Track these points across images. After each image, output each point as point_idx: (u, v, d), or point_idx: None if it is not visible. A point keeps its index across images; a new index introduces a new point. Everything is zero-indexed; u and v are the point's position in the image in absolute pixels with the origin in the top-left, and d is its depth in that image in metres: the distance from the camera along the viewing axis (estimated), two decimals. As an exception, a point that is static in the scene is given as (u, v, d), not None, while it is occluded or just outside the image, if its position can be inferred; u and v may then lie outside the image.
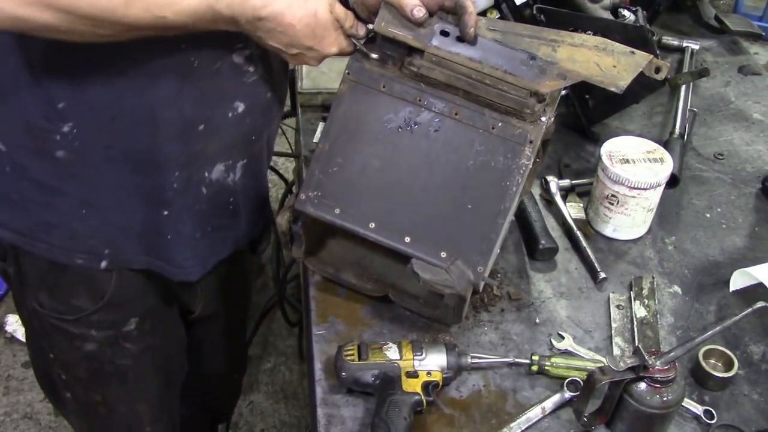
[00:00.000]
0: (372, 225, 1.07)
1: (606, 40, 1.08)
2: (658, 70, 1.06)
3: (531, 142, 1.04)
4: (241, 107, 1.11)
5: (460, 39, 1.05)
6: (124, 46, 0.93)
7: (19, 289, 1.22)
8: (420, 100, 1.07)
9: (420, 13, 1.04)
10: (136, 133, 1.04)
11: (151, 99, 1.01)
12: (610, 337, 1.17)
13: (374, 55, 1.08)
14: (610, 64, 1.04)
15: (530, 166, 1.05)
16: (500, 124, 1.05)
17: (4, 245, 1.17)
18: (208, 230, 1.20)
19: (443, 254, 1.05)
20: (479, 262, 1.05)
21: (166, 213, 1.13)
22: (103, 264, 1.14)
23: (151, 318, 1.26)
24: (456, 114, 1.07)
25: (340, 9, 1.02)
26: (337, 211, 1.08)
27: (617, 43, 1.07)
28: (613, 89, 1.02)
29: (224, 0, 0.92)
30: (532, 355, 1.10)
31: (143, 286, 1.21)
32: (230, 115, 1.11)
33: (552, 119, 1.08)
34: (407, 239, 1.06)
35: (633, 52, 1.05)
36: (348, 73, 1.10)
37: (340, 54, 1.07)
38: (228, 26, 0.96)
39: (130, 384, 1.31)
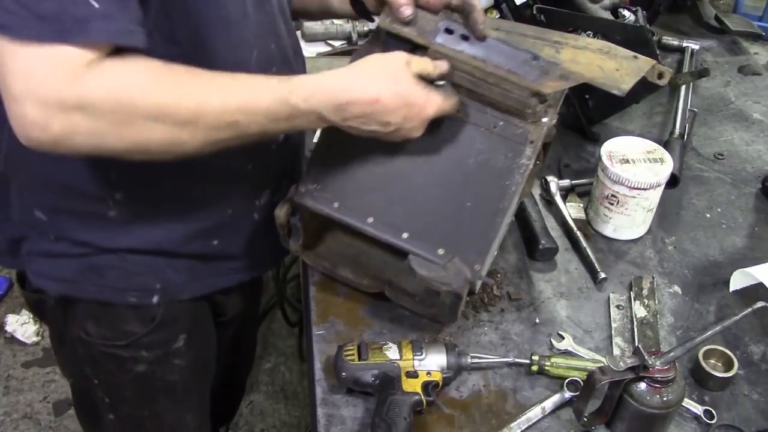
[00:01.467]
0: (370, 220, 1.07)
1: (610, 44, 1.08)
2: (660, 75, 1.06)
3: (532, 142, 1.04)
4: (281, 135, 1.13)
5: (465, 37, 1.05)
6: None
7: (62, 322, 1.18)
8: None
9: (407, 11, 1.03)
10: (186, 185, 1.05)
11: (201, 157, 1.01)
12: (610, 337, 1.17)
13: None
14: (613, 67, 1.04)
15: (530, 167, 1.05)
16: (502, 123, 1.05)
17: (47, 297, 1.15)
18: (257, 249, 1.21)
19: (441, 251, 1.05)
20: (476, 261, 1.05)
21: (215, 242, 1.14)
22: (155, 299, 1.13)
23: (197, 331, 1.26)
24: (458, 112, 1.07)
25: (418, 64, 0.96)
26: (336, 204, 1.08)
27: (621, 48, 1.07)
28: (615, 92, 1.02)
29: (299, 93, 0.89)
30: (532, 355, 1.10)
31: (191, 304, 1.21)
32: (273, 146, 1.13)
33: (554, 121, 1.08)
34: (405, 235, 1.06)
35: (636, 57, 1.05)
36: None
37: (442, 113, 1.01)
38: (311, 122, 0.93)
39: (178, 397, 1.29)
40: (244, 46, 0.99)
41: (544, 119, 1.05)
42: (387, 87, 0.92)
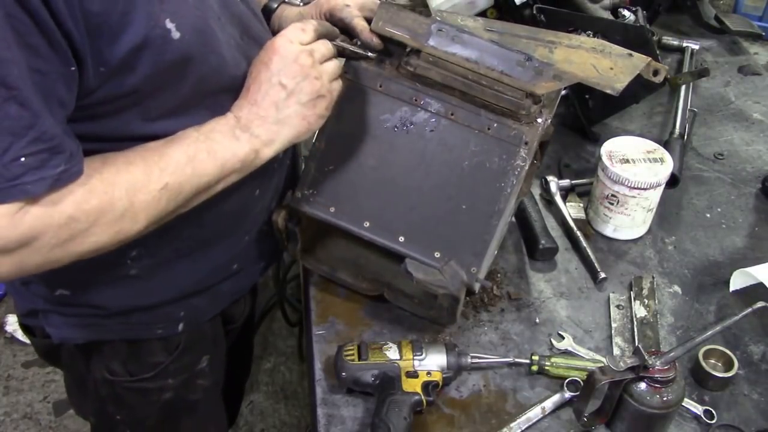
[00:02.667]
0: (367, 224, 1.07)
1: (604, 42, 1.07)
2: (656, 72, 1.06)
3: (526, 143, 1.04)
4: (280, 154, 1.11)
5: (458, 39, 1.05)
6: None
7: (83, 367, 1.17)
8: (416, 100, 1.07)
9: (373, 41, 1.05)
10: (200, 228, 1.05)
11: (213, 203, 1.00)
12: (610, 337, 1.17)
13: (371, 54, 1.08)
14: (607, 66, 1.04)
15: (526, 168, 1.05)
16: (496, 124, 1.05)
17: (66, 343, 1.14)
18: (270, 253, 1.22)
19: (437, 254, 1.05)
20: (473, 263, 1.05)
21: (235, 267, 1.15)
22: (180, 327, 1.14)
23: (218, 350, 1.27)
24: (452, 114, 1.06)
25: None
26: (332, 209, 1.08)
27: (615, 45, 1.06)
28: (609, 91, 1.02)
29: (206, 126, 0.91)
30: (532, 355, 1.10)
31: (211, 323, 1.21)
32: (275, 165, 1.13)
33: (549, 121, 1.08)
34: (401, 239, 1.06)
35: (631, 54, 1.05)
36: (345, 72, 1.10)
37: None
38: (230, 132, 0.92)
39: (200, 414, 1.29)
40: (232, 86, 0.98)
41: (539, 120, 1.05)
42: (264, 63, 0.93)
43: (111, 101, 0.84)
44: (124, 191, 0.82)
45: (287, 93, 0.92)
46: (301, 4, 1.18)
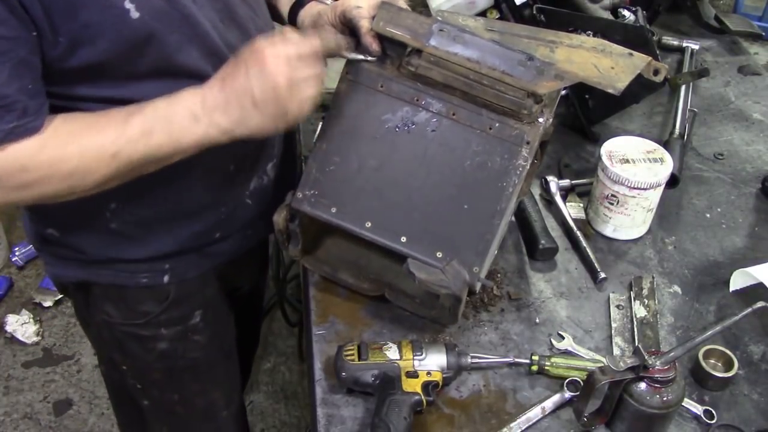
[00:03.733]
0: (368, 224, 1.07)
1: (604, 41, 1.08)
2: (656, 72, 1.06)
3: (528, 143, 1.04)
4: None
5: (459, 39, 1.05)
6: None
7: (84, 305, 1.25)
8: (417, 100, 1.07)
9: (374, 47, 1.07)
10: (176, 194, 1.09)
11: (190, 169, 1.04)
12: (610, 337, 1.17)
13: (371, 58, 1.08)
14: (608, 65, 1.04)
15: (527, 167, 1.05)
16: (497, 124, 1.05)
17: (66, 281, 1.24)
18: (256, 223, 1.25)
19: (439, 254, 1.05)
20: (475, 263, 1.05)
21: (218, 235, 1.19)
22: (166, 278, 1.18)
23: (212, 307, 1.30)
24: (453, 114, 1.06)
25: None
26: (334, 210, 1.08)
27: (615, 45, 1.07)
28: (610, 91, 1.02)
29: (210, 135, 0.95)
30: (532, 355, 1.10)
31: (201, 280, 1.25)
32: (252, 146, 1.15)
33: (550, 120, 1.08)
34: (403, 239, 1.06)
35: (631, 54, 1.05)
36: (346, 73, 1.10)
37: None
38: (192, 120, 0.95)
39: (203, 375, 1.35)
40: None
41: (540, 120, 1.06)
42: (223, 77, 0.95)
43: (79, 70, 0.92)
44: (76, 151, 0.91)
45: (253, 104, 0.94)
46: (330, 1, 1.19)
